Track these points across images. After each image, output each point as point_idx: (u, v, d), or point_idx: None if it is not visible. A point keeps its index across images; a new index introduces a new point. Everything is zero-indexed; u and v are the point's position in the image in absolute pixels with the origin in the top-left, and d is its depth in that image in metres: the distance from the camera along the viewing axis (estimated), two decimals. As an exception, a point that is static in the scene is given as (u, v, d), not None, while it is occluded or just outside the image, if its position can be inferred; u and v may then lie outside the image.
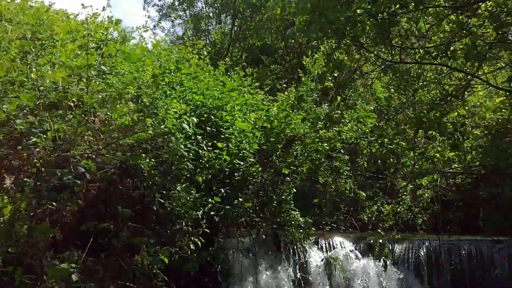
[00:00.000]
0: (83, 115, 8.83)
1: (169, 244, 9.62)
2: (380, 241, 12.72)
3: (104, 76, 10.64)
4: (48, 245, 7.59)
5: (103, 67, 10.63)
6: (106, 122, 9.69)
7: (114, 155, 8.67)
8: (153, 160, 9.87)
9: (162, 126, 10.27)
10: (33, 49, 9.83)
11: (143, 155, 9.61)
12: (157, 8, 29.85)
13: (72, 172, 7.54)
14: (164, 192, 10.17)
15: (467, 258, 12.79)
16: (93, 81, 9.69)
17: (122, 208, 8.35)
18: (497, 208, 14.04)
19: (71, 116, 8.52)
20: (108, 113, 9.82)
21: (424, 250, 12.83)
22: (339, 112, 12.85)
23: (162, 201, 10.02)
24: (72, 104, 9.07)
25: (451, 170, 14.80)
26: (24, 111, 8.72)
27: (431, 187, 14.90)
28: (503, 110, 14.78)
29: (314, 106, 13.46)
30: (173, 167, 10.35)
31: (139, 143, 9.76)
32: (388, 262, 12.58)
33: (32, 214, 7.34)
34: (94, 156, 8.76)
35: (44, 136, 7.98)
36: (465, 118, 13.91)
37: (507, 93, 12.85)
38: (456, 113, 12.67)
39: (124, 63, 11.53)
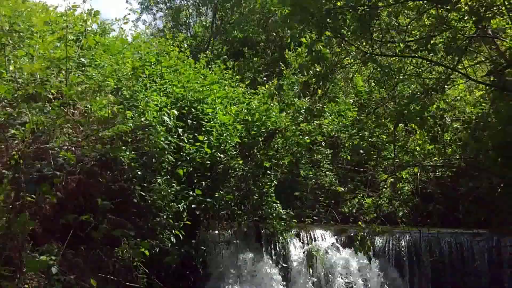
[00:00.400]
0: (62, 107, 8.76)
1: (149, 237, 9.59)
2: (361, 233, 12.76)
3: (83, 68, 10.57)
4: (27, 237, 7.52)
5: (83, 59, 10.55)
6: (86, 114, 9.61)
7: (93, 148, 8.62)
8: (133, 152, 9.81)
9: (142, 119, 10.24)
10: (10, 41, 9.72)
11: (123, 147, 9.56)
12: (139, 1, 29.69)
13: (51, 164, 7.48)
14: (144, 184, 10.12)
15: (447, 251, 12.91)
16: (72, 73, 9.62)
17: (102, 200, 8.30)
18: (477, 201, 14.16)
19: (50, 108, 8.45)
20: (88, 105, 9.74)
21: (405, 243, 12.93)
22: (320, 105, 12.88)
23: (143, 193, 9.97)
24: (51, 96, 8.99)
25: (431, 163, 14.88)
26: (3, 103, 8.64)
27: (411, 180, 14.98)
28: (483, 104, 14.88)
29: (296, 99, 13.47)
30: (153, 159, 10.30)
31: (119, 136, 9.70)
32: (369, 255, 12.63)
33: (11, 206, 7.28)
34: (73, 149, 8.70)
35: (23, 128, 7.91)
36: (445, 112, 14.00)
37: (487, 87, 12.95)
38: (436, 107, 12.74)
39: (103, 55, 11.45)
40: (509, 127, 12.62)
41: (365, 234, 12.62)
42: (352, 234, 12.97)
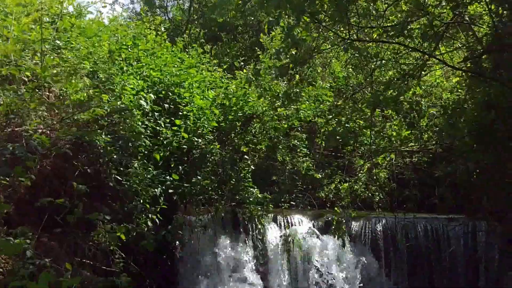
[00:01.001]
0: (36, 90, 8.65)
1: (126, 221, 9.52)
2: (337, 218, 12.82)
3: (59, 51, 10.41)
4: (2, 220, 7.44)
5: (58, 42, 10.39)
6: (61, 97, 9.50)
7: (68, 131, 8.53)
8: (109, 136, 9.73)
9: (118, 103, 10.14)
10: (-17, 23, 9.56)
11: (99, 131, 9.47)
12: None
13: (24, 147, 7.39)
14: (121, 169, 10.05)
15: (423, 236, 13.04)
16: (48, 55, 9.48)
17: (78, 184, 8.22)
18: (453, 186, 14.27)
19: (24, 90, 8.34)
20: (63, 88, 9.63)
21: (381, 227, 13.03)
22: (297, 90, 12.84)
23: (119, 178, 9.90)
24: (25, 79, 8.87)
25: (407, 149, 14.97)
26: (-24, 85, 8.51)
27: (388, 166, 15.06)
28: (459, 90, 14.98)
29: (272, 84, 13.43)
30: (130, 143, 10.22)
31: (95, 119, 9.61)
32: (345, 239, 12.71)
33: (-16, 189, 7.19)
34: (48, 132, 8.61)
35: (-4, 110, 7.81)
36: (422, 98, 14.07)
37: (464, 73, 13.02)
38: (412, 93, 12.80)
39: (79, 38, 11.29)
40: (485, 113, 12.74)
41: (341, 219, 12.71)
42: (328, 219, 13.05)
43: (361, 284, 12.48)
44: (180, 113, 11.85)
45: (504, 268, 12.57)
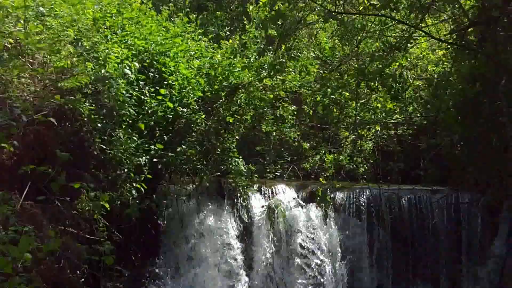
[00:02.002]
0: (19, 57, 8.56)
1: (110, 190, 9.54)
2: (322, 189, 12.90)
3: (42, 18, 10.27)
4: (-17, 187, 7.42)
5: (41, 9, 10.24)
6: (44, 64, 9.41)
7: (52, 98, 8.45)
8: (93, 104, 9.67)
9: (102, 71, 10.07)
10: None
11: (83, 99, 9.41)
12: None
13: (7, 114, 7.32)
14: (105, 137, 10.02)
15: (406, 207, 13.13)
16: (31, 22, 9.37)
17: (61, 152, 8.17)
18: (437, 159, 14.38)
19: (7, 56, 8.25)
20: (46, 56, 9.54)
21: (365, 198, 13.09)
22: (283, 60, 12.82)
23: (103, 146, 9.87)
24: (8, 45, 8.76)
25: (392, 121, 15.04)
26: (-43, 51, 8.41)
27: (373, 138, 15.13)
28: (445, 63, 15.04)
29: (258, 55, 13.37)
30: (114, 112, 10.17)
31: (79, 87, 9.54)
32: (329, 210, 12.80)
33: (-34, 156, 7.15)
34: (31, 99, 8.54)
35: (-21, 77, 7.73)
36: (407, 70, 14.09)
37: (449, 46, 13.05)
38: (397, 65, 12.81)
39: (63, 5, 11.12)
40: (470, 86, 12.82)
41: (326, 189, 12.79)
42: (313, 190, 13.11)
43: (344, 253, 12.60)
44: (165, 83, 11.77)
45: (486, 239, 12.71)
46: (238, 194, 12.57)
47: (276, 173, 14.78)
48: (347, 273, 12.59)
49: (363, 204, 13.00)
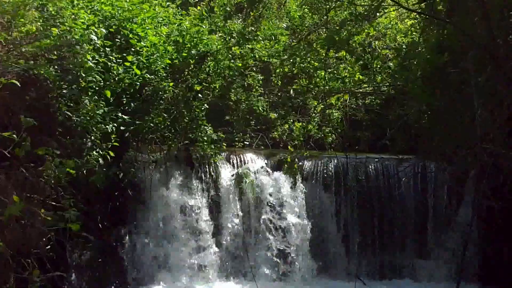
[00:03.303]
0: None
1: (76, 157, 9.42)
2: (290, 157, 12.93)
3: (6, -19, 10.03)
4: None
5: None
6: (9, 29, 9.20)
7: (16, 63, 8.30)
8: (58, 70, 9.50)
9: (68, 37, 9.88)
10: None
11: (48, 64, 9.24)
12: None
13: (-30, 77, 7.17)
14: (71, 104, 9.86)
15: (373, 176, 13.22)
16: (-5, -14, 9.15)
17: (25, 117, 8.03)
18: (404, 128, 14.45)
19: (-31, 20, 8.06)
20: (11, 20, 9.33)
21: (332, 167, 13.15)
22: (252, 29, 12.74)
23: (69, 114, 9.72)
24: (-30, 9, 8.56)
25: (360, 90, 15.07)
26: None
27: (341, 107, 15.17)
28: (413, 33, 15.07)
29: (225, 19, 13.26)
30: (80, 79, 10.00)
31: (44, 53, 9.36)
32: (297, 178, 12.84)
33: None
34: (-6, 63, 8.37)
35: None
36: (376, 39, 14.11)
37: (418, 16, 13.07)
38: (366, 34, 12.81)
39: (27, -31, 10.88)
40: (438, 56, 12.86)
41: (294, 158, 12.82)
42: (281, 158, 13.14)
43: (312, 220, 12.69)
44: (133, 49, 11.60)
45: (452, 208, 12.89)
46: (207, 163, 12.53)
47: (245, 142, 14.77)
48: (315, 239, 12.67)
49: (331, 173, 13.07)
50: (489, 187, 11.46)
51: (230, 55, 12.95)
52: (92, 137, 10.07)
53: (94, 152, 10.11)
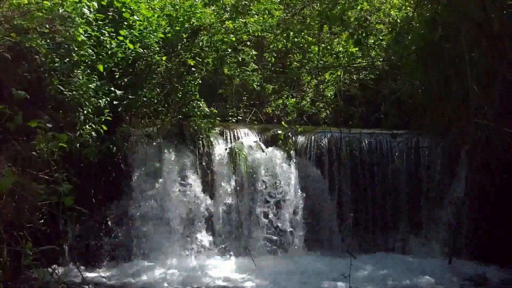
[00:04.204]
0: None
1: (69, 131, 9.38)
2: (283, 132, 12.92)
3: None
4: None
5: None
6: (0, 1, 9.12)
7: (8, 36, 8.23)
8: (50, 44, 9.43)
9: (60, 10, 9.79)
10: None
11: (40, 38, 9.17)
12: None
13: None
14: (63, 78, 9.81)
15: (367, 151, 13.23)
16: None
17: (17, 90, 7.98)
18: (397, 103, 14.46)
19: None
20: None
21: (326, 142, 13.15)
22: (245, 3, 12.65)
23: (62, 88, 9.67)
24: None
25: (354, 66, 15.04)
26: None
27: (335, 83, 15.14)
28: (408, 8, 15.03)
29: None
30: (73, 53, 9.93)
31: (36, 26, 9.28)
32: (290, 153, 12.84)
33: None
34: (-15, 36, 8.30)
35: None
36: (370, 14, 14.04)
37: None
38: (360, 8, 12.75)
39: None
40: (431, 31, 12.83)
41: (287, 133, 12.82)
42: (274, 133, 13.11)
43: (305, 195, 12.71)
44: (125, 23, 11.52)
45: (445, 183, 12.94)
46: (200, 137, 12.51)
47: (239, 117, 14.74)
48: (308, 215, 12.71)
49: (324, 148, 13.07)
50: (482, 162, 11.56)
51: (223, 29, 12.86)
52: (85, 111, 10.03)
53: (87, 126, 10.09)
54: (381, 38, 14.72)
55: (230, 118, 14.44)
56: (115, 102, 10.97)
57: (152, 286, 10.57)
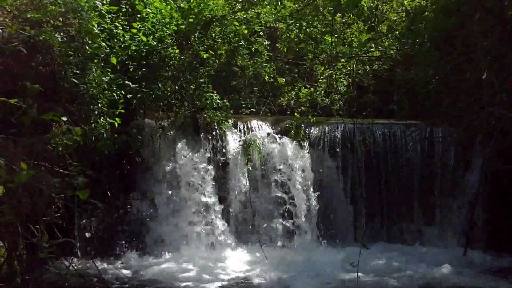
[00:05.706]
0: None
1: (83, 124, 9.45)
2: (296, 123, 12.88)
3: None
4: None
5: None
6: (14, -5, 9.17)
7: (22, 30, 8.27)
8: (64, 37, 9.47)
9: (74, 3, 9.83)
10: None
11: (54, 31, 9.21)
12: None
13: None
14: (77, 71, 9.86)
15: (380, 141, 13.18)
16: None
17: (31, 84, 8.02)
18: (411, 93, 14.35)
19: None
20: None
21: (339, 133, 13.11)
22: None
23: (76, 81, 9.72)
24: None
25: (368, 56, 14.95)
26: None
27: (348, 73, 15.06)
28: (421, -3, 14.90)
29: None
30: (87, 46, 9.98)
31: (49, 19, 9.32)
32: (304, 144, 12.82)
33: None
34: (0, 30, 8.34)
35: None
36: (383, 3, 13.95)
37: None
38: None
39: None
40: (445, 19, 12.73)
41: (300, 123, 12.78)
42: (288, 125, 13.09)
43: (319, 186, 12.70)
44: (138, 16, 11.55)
45: (459, 173, 12.88)
46: (214, 129, 12.52)
47: (252, 109, 14.71)
48: (322, 205, 12.71)
49: (338, 138, 13.04)
50: (496, 151, 11.47)
51: (236, 21, 12.84)
52: (99, 105, 10.08)
53: (101, 120, 10.15)
54: (394, 27, 14.61)
55: (243, 110, 14.41)
56: (129, 95, 11.02)
57: (166, 277, 10.59)
